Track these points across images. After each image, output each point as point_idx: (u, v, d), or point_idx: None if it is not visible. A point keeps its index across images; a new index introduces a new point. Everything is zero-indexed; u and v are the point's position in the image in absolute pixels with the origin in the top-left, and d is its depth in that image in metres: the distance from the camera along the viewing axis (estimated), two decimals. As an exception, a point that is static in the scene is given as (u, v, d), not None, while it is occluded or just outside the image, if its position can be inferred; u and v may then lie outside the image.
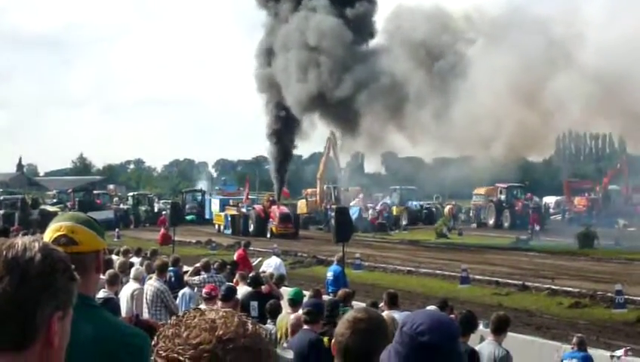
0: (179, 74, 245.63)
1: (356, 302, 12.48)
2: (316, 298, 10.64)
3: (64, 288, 1.72)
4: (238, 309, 9.94)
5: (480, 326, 11.04)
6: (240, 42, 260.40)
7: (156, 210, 63.53)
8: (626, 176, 59.33)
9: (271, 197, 51.02)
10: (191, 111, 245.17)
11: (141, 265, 14.28)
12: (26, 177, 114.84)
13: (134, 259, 16.74)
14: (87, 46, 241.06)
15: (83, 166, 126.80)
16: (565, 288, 23.10)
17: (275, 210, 47.08)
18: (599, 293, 21.72)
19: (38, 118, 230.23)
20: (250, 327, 1.58)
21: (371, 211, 56.12)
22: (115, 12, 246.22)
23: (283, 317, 9.79)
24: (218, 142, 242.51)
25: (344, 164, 65.70)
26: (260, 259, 21.99)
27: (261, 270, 16.74)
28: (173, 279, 14.65)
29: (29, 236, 1.81)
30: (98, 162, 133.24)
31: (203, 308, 1.66)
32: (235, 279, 13.53)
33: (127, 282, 12.24)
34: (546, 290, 22.95)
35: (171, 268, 14.77)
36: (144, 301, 11.66)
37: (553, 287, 23.32)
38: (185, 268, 16.18)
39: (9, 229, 24.64)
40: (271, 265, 18.15)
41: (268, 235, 45.32)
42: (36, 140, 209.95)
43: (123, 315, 9.54)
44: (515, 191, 54.69)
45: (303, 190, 62.30)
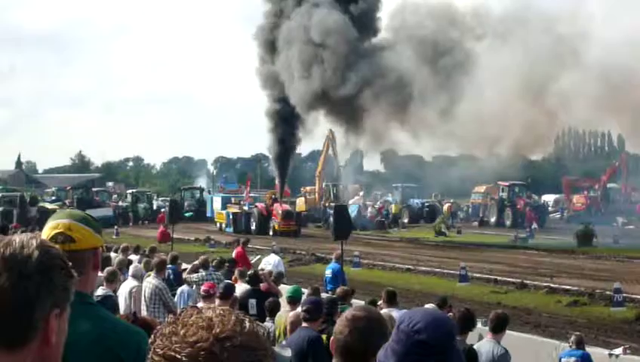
0: (178, 71, 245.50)
1: (355, 300, 12.49)
2: (315, 296, 10.65)
3: (61, 285, 1.72)
4: (236, 307, 9.94)
5: (479, 324, 11.06)
6: (239, 39, 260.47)
7: (155, 208, 63.57)
8: (625, 174, 59.41)
9: (273, 195, 50.89)
10: (190, 108, 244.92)
11: (140, 263, 14.27)
12: (25, 174, 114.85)
13: (133, 257, 16.74)
14: (86, 43, 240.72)
15: (82, 163, 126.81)
16: (564, 286, 23.10)
17: (278, 208, 46.97)
18: (598, 291, 21.72)
19: (37, 115, 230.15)
20: (247, 325, 1.58)
21: (370, 209, 56.21)
22: (114, 10, 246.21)
23: (281, 314, 9.79)
24: (217, 139, 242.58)
25: (343, 162, 65.78)
26: (259, 257, 21.97)
27: (260, 267, 16.73)
28: (171, 276, 14.65)
29: (27, 233, 1.81)
30: (97, 159, 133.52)
31: (200, 306, 1.66)
32: (234, 276, 13.53)
33: (125, 279, 12.25)
34: (545, 288, 22.95)
35: (170, 266, 14.77)
36: (142, 298, 11.66)
37: (552, 285, 23.32)
38: (183, 266, 16.17)
39: (8, 226, 24.67)
40: (270, 263, 18.13)
41: (270, 233, 45.29)
42: (35, 137, 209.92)
43: (121, 313, 9.53)
44: (517, 189, 54.55)
45: (302, 188, 62.37)
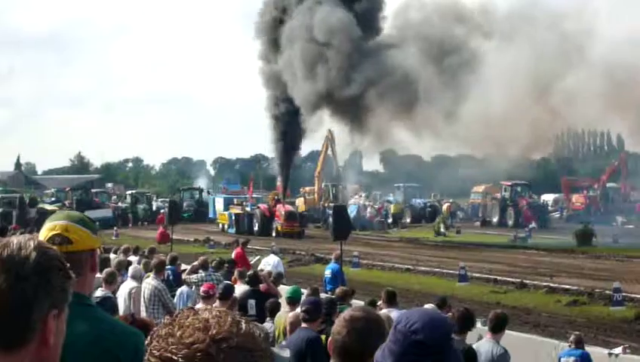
0: (177, 72, 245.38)
1: (355, 301, 12.49)
2: (314, 296, 10.65)
3: (59, 286, 1.72)
4: (236, 308, 9.94)
5: (478, 324, 11.06)
6: (239, 40, 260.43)
7: (154, 209, 63.51)
8: (624, 174, 59.44)
9: (276, 195, 50.66)
10: (189, 109, 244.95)
11: (139, 264, 14.27)
12: (24, 175, 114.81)
13: (132, 258, 16.73)
14: (85, 44, 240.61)
15: (81, 164, 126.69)
16: (563, 286, 23.12)
17: (281, 209, 46.72)
18: (597, 291, 21.73)
19: (37, 116, 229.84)
20: (243, 326, 1.58)
21: (370, 209, 56.23)
22: (113, 10, 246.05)
23: (281, 315, 9.79)
24: (216, 140, 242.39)
25: (342, 162, 65.79)
26: (259, 258, 21.96)
27: (259, 268, 16.73)
28: (171, 277, 14.66)
29: (24, 235, 1.82)
30: (96, 160, 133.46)
31: (197, 308, 1.66)
32: (234, 277, 13.53)
33: (125, 280, 12.24)
34: (544, 288, 22.96)
35: (169, 267, 14.78)
36: (142, 299, 11.66)
37: (551, 285, 23.34)
38: (183, 267, 16.18)
39: (7, 228, 24.65)
40: (269, 264, 18.13)
41: (273, 234, 45.10)
42: (34, 138, 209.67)
43: (121, 314, 9.53)
44: (520, 188, 54.45)
45: (302, 188, 62.36)
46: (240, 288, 12.23)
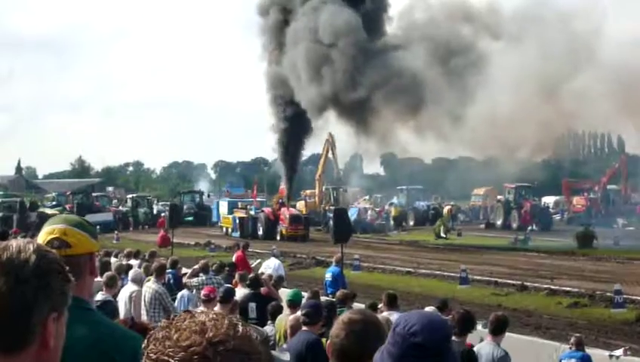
0: (177, 76, 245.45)
1: (356, 304, 12.47)
2: (314, 299, 10.64)
3: (59, 289, 1.73)
4: (237, 311, 9.93)
5: (479, 326, 11.05)
6: (238, 43, 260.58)
7: (155, 212, 63.51)
8: (625, 176, 59.40)
9: (280, 199, 50.42)
10: (189, 112, 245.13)
11: (139, 268, 14.27)
12: (25, 180, 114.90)
13: (133, 262, 16.73)
14: (85, 48, 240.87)
15: (82, 168, 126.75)
16: (564, 288, 23.09)
17: (285, 212, 46.52)
18: (598, 293, 21.71)
19: (37, 121, 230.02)
20: (240, 329, 1.58)
21: (370, 212, 56.22)
22: (113, 14, 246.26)
23: (282, 318, 9.78)
24: (216, 143, 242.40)
25: (343, 165, 65.75)
26: (259, 261, 21.93)
27: (260, 271, 16.72)
28: (171, 281, 14.67)
29: (24, 238, 1.82)
30: (97, 164, 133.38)
31: (193, 311, 1.66)
32: (235, 280, 13.53)
33: (125, 284, 12.24)
34: (545, 290, 22.92)
35: (170, 270, 14.79)
36: (142, 303, 11.65)
37: (552, 287, 23.30)
38: (184, 270, 16.18)
39: (8, 232, 24.68)
40: (270, 267, 18.13)
41: (278, 238, 44.87)
42: (35, 143, 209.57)
43: (121, 318, 9.53)
44: (524, 191, 54.31)
45: (302, 191, 62.33)
46: (241, 291, 12.23)
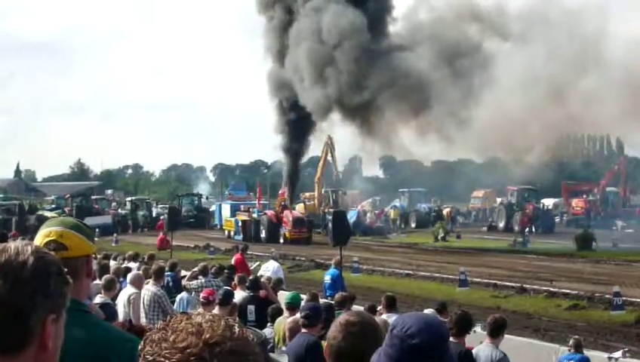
0: (176, 78, 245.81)
1: (355, 306, 12.46)
2: (313, 301, 10.63)
3: (57, 291, 1.73)
4: (236, 313, 9.93)
5: (478, 328, 11.04)
6: (237, 46, 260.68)
7: (154, 215, 63.46)
8: (624, 178, 59.42)
9: (283, 201, 50.03)
10: (189, 115, 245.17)
11: (138, 270, 14.27)
12: (24, 183, 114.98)
13: (132, 264, 16.73)
14: (84, 51, 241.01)
15: (81, 171, 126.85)
16: (563, 290, 23.07)
17: (288, 215, 46.33)
18: (597, 295, 21.70)
19: (36, 124, 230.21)
20: (236, 331, 1.58)
21: (369, 214, 56.22)
22: (112, 17, 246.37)
23: (280, 321, 9.77)
24: (216, 146, 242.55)
25: (342, 168, 65.67)
26: (258, 263, 21.94)
27: (259, 274, 16.71)
28: (170, 284, 14.66)
29: (22, 240, 1.82)
30: (96, 167, 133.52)
31: (190, 312, 1.66)
32: (234, 283, 13.53)
33: (124, 287, 12.24)
34: (544, 292, 22.92)
35: (169, 273, 14.78)
36: (141, 306, 11.64)
37: (551, 289, 23.29)
38: (183, 273, 16.17)
39: (6, 235, 24.67)
40: (269, 269, 18.11)
41: (281, 241, 44.69)
42: (34, 146, 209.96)
43: (120, 320, 9.52)
44: (527, 194, 54.22)
45: (301, 194, 62.28)
46: (239, 294, 12.22)
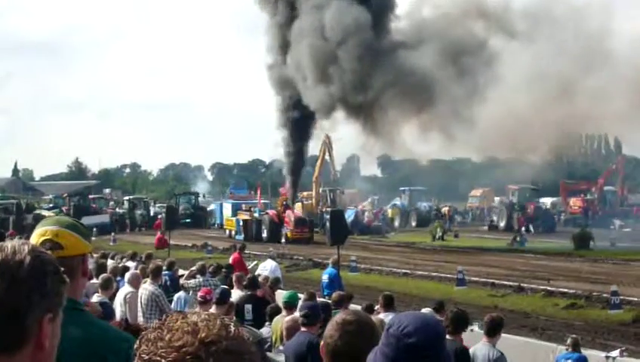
0: (174, 77, 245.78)
1: (353, 305, 12.46)
2: (311, 301, 10.63)
3: (54, 290, 1.73)
4: (233, 313, 9.93)
5: (475, 327, 11.05)
6: (235, 45, 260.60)
7: (152, 214, 63.42)
8: (622, 177, 59.46)
9: (284, 201, 50.00)
10: (186, 114, 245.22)
11: (136, 269, 14.27)
12: (22, 182, 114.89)
13: (130, 263, 16.73)
14: (82, 50, 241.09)
15: (79, 170, 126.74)
16: (561, 289, 23.10)
17: (290, 215, 46.29)
18: (595, 294, 21.72)
19: (34, 123, 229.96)
20: (232, 330, 1.58)
21: (367, 213, 56.22)
22: (110, 16, 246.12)
23: (278, 320, 9.76)
24: (214, 145, 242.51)
25: (340, 167, 65.63)
26: (256, 263, 21.94)
27: (257, 273, 16.71)
28: (168, 283, 14.66)
29: (18, 239, 1.82)
30: (94, 166, 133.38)
31: (186, 311, 1.66)
32: (233, 281, 13.52)
33: (122, 286, 12.23)
34: (542, 291, 22.94)
35: (166, 272, 14.78)
36: (139, 305, 11.64)
37: (549, 289, 23.31)
38: (180, 272, 16.18)
39: (4, 234, 24.65)
40: (266, 269, 18.11)
41: (283, 240, 44.64)
42: (32, 145, 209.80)
43: (117, 319, 9.52)
44: (528, 194, 54.09)
45: (299, 193, 62.25)
46: (237, 293, 12.22)
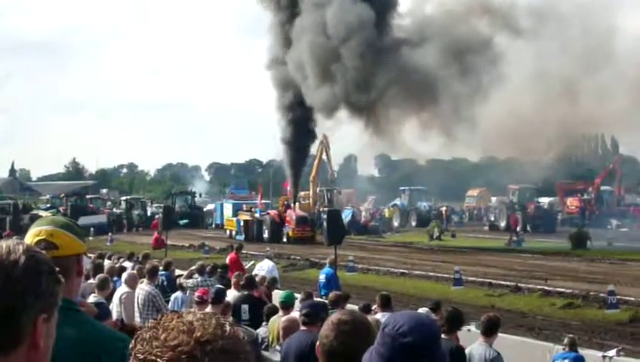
0: (172, 78, 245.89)
1: (350, 305, 12.47)
2: (308, 301, 10.63)
3: (49, 290, 1.72)
4: (229, 313, 9.92)
5: (472, 327, 11.06)
6: (233, 45, 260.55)
7: (149, 214, 63.38)
8: (619, 177, 59.49)
9: (286, 200, 49.89)
10: (184, 114, 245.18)
11: (133, 269, 14.26)
12: (19, 182, 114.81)
13: (126, 264, 16.73)
14: (81, 50, 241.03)
15: (76, 170, 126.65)
16: (558, 289, 23.09)
17: (292, 214, 46.26)
18: (592, 294, 21.73)
19: (31, 123, 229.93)
20: (228, 329, 1.58)
21: (364, 213, 56.23)
22: (109, 16, 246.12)
23: (275, 320, 9.76)
24: (211, 145, 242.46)
25: (337, 167, 65.59)
26: (253, 263, 21.94)
27: (254, 273, 16.71)
28: (165, 283, 14.65)
29: (13, 239, 1.81)
30: (91, 166, 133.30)
31: (181, 311, 1.66)
32: (233, 281, 13.50)
33: (119, 286, 12.23)
34: (539, 291, 22.94)
35: (163, 272, 14.78)
36: (136, 305, 11.63)
37: (546, 288, 23.30)
38: (177, 272, 16.17)
39: (1, 234, 24.65)
40: (263, 269, 18.12)
41: (284, 240, 44.61)
42: (29, 145, 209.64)
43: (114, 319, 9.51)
44: (528, 194, 54.03)
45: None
46: (233, 293, 12.21)
